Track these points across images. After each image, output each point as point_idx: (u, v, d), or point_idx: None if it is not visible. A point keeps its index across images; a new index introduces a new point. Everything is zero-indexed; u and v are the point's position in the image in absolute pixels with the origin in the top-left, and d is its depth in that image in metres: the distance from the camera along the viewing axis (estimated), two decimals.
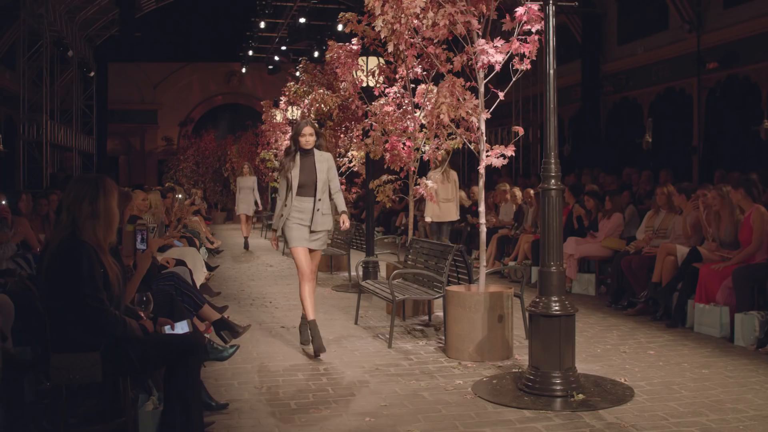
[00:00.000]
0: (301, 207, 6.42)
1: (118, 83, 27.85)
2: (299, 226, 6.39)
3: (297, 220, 6.40)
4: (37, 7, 18.28)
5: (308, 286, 6.42)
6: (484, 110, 6.28)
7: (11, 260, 6.97)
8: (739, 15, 13.12)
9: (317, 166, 6.44)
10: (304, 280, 6.41)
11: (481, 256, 6.48)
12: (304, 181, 6.41)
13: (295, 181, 6.42)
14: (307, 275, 6.41)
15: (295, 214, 6.41)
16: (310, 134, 6.42)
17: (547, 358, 4.94)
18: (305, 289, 6.43)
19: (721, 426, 4.41)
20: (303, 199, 6.42)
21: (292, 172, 6.42)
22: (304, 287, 6.43)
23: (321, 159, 6.48)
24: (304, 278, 6.41)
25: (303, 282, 6.42)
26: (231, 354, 5.45)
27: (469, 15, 6.06)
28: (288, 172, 6.44)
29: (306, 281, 6.42)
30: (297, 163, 6.44)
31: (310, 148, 6.44)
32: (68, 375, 3.68)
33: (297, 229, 6.40)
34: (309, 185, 6.41)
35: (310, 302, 6.41)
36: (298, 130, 6.46)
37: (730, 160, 12.82)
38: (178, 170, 28.55)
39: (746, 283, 6.65)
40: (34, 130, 18.68)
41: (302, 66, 13.21)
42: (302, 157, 6.44)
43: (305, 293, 6.43)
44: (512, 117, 18.79)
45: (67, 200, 3.85)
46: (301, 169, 6.42)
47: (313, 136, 6.42)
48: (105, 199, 3.84)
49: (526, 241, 10.52)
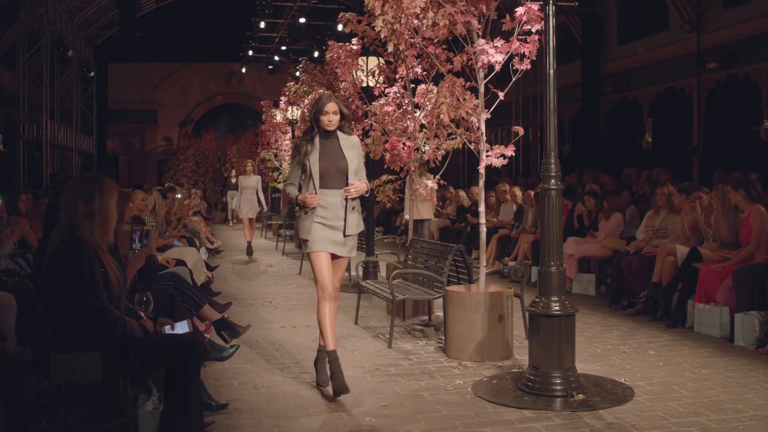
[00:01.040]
0: (327, 202, 5.15)
1: (118, 83, 27.84)
2: (323, 226, 5.15)
3: (320, 218, 5.15)
4: (37, 7, 18.27)
5: (329, 306, 5.16)
6: (484, 110, 6.29)
7: (11, 260, 6.98)
8: (739, 15, 13.11)
9: (345, 152, 5.23)
10: (325, 298, 5.15)
11: (481, 256, 6.48)
12: (325, 168, 5.17)
13: (314, 168, 5.15)
14: (329, 291, 5.15)
15: (317, 211, 5.15)
16: (334, 112, 5.21)
17: (547, 358, 4.94)
18: (325, 310, 5.15)
19: (721, 426, 4.41)
20: (329, 193, 5.17)
21: (310, 158, 5.18)
22: (323, 307, 5.16)
23: (348, 144, 5.27)
24: (324, 295, 5.15)
25: (323, 300, 5.16)
26: (231, 354, 5.45)
27: (469, 15, 6.07)
28: (305, 158, 5.20)
29: (327, 300, 5.15)
30: (316, 147, 5.20)
31: (333, 129, 5.24)
32: (68, 375, 3.68)
33: (320, 230, 5.14)
34: (334, 175, 5.18)
35: (331, 327, 5.16)
36: (320, 106, 5.23)
37: (730, 160, 12.81)
38: (178, 170, 28.58)
39: (746, 283, 6.65)
40: (34, 130, 18.67)
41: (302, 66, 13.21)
42: (323, 140, 5.24)
43: (325, 315, 5.16)
44: (512, 117, 18.78)
45: (64, 200, 3.86)
46: (322, 155, 5.18)
47: (338, 115, 5.21)
48: (101, 199, 3.84)
49: (526, 241, 10.52)
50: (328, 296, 5.15)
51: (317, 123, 5.26)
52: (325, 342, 5.18)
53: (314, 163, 5.17)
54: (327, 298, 5.15)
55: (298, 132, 15.41)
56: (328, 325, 5.15)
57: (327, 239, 5.17)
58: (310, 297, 9.40)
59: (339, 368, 5.05)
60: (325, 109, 5.21)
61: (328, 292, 5.15)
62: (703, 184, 10.03)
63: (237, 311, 8.20)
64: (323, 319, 5.17)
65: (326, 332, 5.16)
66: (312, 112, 5.31)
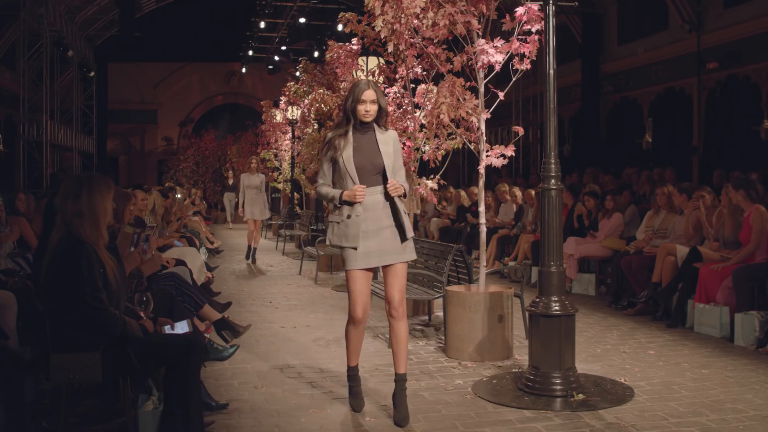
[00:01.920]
0: (367, 203, 4.54)
1: (118, 83, 27.85)
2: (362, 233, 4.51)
3: (357, 221, 4.52)
4: (37, 7, 18.27)
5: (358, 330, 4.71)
6: (484, 110, 6.29)
7: (10, 260, 6.98)
8: (739, 15, 13.12)
9: (381, 147, 4.60)
10: (355, 324, 4.66)
11: (481, 256, 6.48)
12: (360, 164, 4.54)
13: (349, 164, 4.52)
14: (359, 318, 4.61)
15: (356, 213, 4.52)
16: (372, 101, 4.57)
17: (547, 358, 4.94)
18: (352, 333, 4.73)
19: (721, 426, 4.41)
20: (369, 192, 4.54)
21: (344, 154, 4.55)
22: (350, 330, 4.73)
23: (385, 139, 4.64)
24: (354, 320, 4.63)
25: (351, 324, 4.69)
26: (231, 354, 5.44)
27: (469, 15, 6.07)
28: (338, 153, 4.57)
29: (357, 324, 4.65)
30: (350, 141, 4.60)
31: (370, 120, 4.61)
32: (68, 375, 3.69)
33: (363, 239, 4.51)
34: (371, 172, 4.56)
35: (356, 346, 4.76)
36: (357, 94, 4.58)
37: (730, 160, 12.82)
38: (178, 170, 28.60)
39: (746, 283, 6.65)
40: (34, 130, 18.67)
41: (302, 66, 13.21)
42: (357, 134, 4.63)
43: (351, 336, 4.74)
44: (512, 117, 18.79)
45: (57, 200, 3.87)
46: (356, 150, 4.57)
47: (376, 105, 4.58)
48: (89, 197, 3.83)
49: (526, 241, 10.52)
50: (358, 323, 4.63)
51: (354, 113, 4.61)
52: (349, 359, 4.77)
53: (348, 159, 4.54)
54: (357, 324, 4.64)
55: (298, 132, 15.38)
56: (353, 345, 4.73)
57: (371, 251, 4.52)
58: (310, 297, 9.40)
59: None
60: (362, 97, 4.57)
61: (359, 319, 4.61)
62: (703, 184, 10.03)
63: (237, 311, 8.20)
64: (349, 339, 4.74)
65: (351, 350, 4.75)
66: (348, 100, 4.66)
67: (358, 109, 4.58)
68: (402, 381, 4.57)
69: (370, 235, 4.51)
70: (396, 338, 4.59)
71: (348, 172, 4.53)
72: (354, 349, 4.74)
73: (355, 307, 4.58)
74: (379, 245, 4.52)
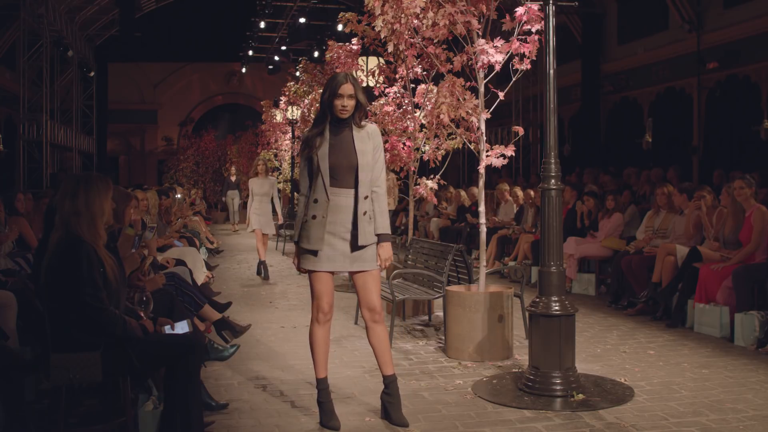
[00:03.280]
0: (337, 204, 4.35)
1: (118, 83, 27.85)
2: (329, 235, 4.34)
3: (327, 225, 4.34)
4: (37, 7, 18.27)
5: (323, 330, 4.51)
6: (484, 110, 6.29)
7: (10, 259, 6.98)
8: (739, 15, 13.11)
9: (357, 145, 4.38)
10: (320, 321, 4.49)
11: (481, 256, 6.48)
12: (335, 163, 4.34)
13: (323, 163, 4.33)
14: (326, 311, 4.46)
15: (322, 214, 4.34)
16: (349, 96, 4.34)
17: (547, 358, 4.94)
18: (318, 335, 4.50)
19: (721, 426, 4.41)
20: (338, 192, 4.36)
21: (319, 152, 4.36)
22: (316, 331, 4.50)
23: (361, 136, 4.41)
24: (319, 316, 4.48)
25: (316, 323, 4.50)
26: (231, 354, 5.45)
27: (469, 15, 6.07)
28: (313, 151, 4.38)
29: (323, 323, 4.49)
30: (326, 138, 4.38)
31: (346, 117, 4.39)
32: (68, 375, 3.69)
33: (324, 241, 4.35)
34: (346, 172, 4.36)
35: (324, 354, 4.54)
36: (334, 88, 4.35)
37: (730, 160, 12.82)
38: (178, 170, 28.60)
39: (746, 283, 6.65)
40: (34, 130, 18.67)
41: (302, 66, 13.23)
42: (334, 130, 4.42)
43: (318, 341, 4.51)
44: (512, 117, 18.78)
45: (56, 200, 3.88)
46: (332, 147, 4.36)
47: (353, 100, 4.34)
48: (86, 196, 3.84)
49: (526, 241, 10.52)
50: (325, 320, 4.47)
51: (330, 108, 4.39)
52: (317, 369, 4.51)
53: (323, 157, 4.34)
54: (324, 321, 4.48)
55: (298, 132, 15.38)
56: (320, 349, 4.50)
57: (335, 254, 4.37)
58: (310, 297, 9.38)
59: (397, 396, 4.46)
60: (340, 91, 4.33)
61: (326, 314, 4.45)
62: (703, 184, 10.03)
63: (237, 311, 8.20)
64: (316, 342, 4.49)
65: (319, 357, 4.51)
66: (324, 94, 4.42)
67: (334, 104, 4.36)
68: (395, 381, 4.48)
69: (336, 238, 4.34)
70: (380, 341, 4.46)
71: (321, 172, 4.35)
72: (322, 356, 4.48)
73: (321, 303, 4.43)
74: (345, 249, 4.36)
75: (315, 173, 4.39)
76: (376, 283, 4.49)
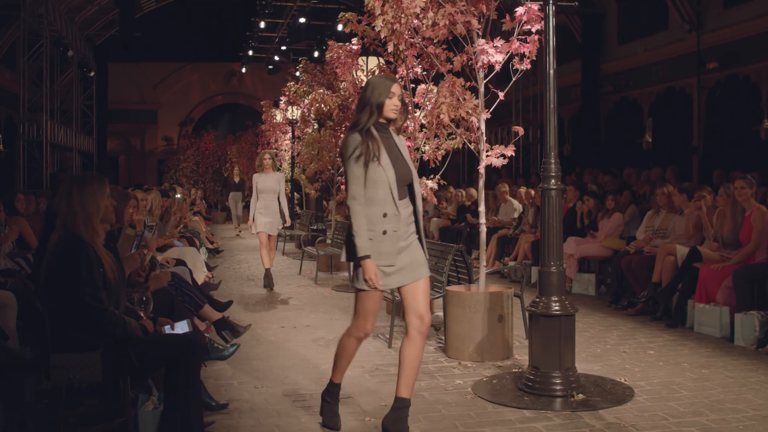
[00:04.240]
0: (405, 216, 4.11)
1: (118, 83, 27.86)
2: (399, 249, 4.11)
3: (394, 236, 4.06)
4: (37, 7, 18.28)
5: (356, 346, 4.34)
6: (484, 110, 6.29)
7: (10, 260, 6.98)
8: (739, 15, 13.12)
9: (403, 152, 4.16)
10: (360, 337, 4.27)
11: (481, 256, 6.48)
12: (397, 174, 4.07)
13: (389, 173, 4.01)
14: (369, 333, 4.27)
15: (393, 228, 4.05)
16: (399, 96, 4.10)
17: (547, 358, 4.94)
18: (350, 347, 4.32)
19: (721, 426, 4.41)
20: (401, 204, 4.10)
21: (381, 160, 4.01)
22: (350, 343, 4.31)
23: (402, 143, 4.24)
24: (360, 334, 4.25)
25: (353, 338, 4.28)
26: (231, 353, 5.45)
27: (469, 15, 6.07)
28: (373, 158, 4.00)
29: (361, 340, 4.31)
30: (381, 144, 4.05)
31: (395, 118, 4.16)
32: (68, 375, 3.69)
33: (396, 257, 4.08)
34: (402, 182, 4.10)
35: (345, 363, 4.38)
36: (387, 86, 4.08)
37: (730, 160, 12.82)
38: (178, 170, 28.60)
39: (746, 283, 6.65)
40: (34, 130, 18.68)
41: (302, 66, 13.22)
42: (382, 136, 4.10)
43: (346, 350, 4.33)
44: (512, 117, 18.79)
45: (55, 201, 3.90)
46: (391, 155, 4.08)
47: (401, 102, 4.12)
48: (80, 195, 3.85)
49: (526, 241, 10.52)
50: (363, 338, 4.26)
51: (380, 109, 4.07)
52: (335, 374, 4.39)
53: (388, 166, 4.01)
54: (362, 339, 4.27)
55: (298, 132, 15.35)
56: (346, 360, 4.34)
57: (404, 267, 4.11)
58: (310, 297, 9.40)
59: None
60: (392, 89, 4.05)
61: (367, 333, 4.24)
62: (703, 184, 10.03)
63: (237, 311, 8.20)
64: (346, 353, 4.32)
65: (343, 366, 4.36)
66: (373, 93, 4.08)
67: (386, 105, 4.05)
68: (408, 408, 4.15)
69: (403, 250, 4.11)
70: (416, 357, 4.12)
71: (389, 183, 4.00)
72: (345, 365, 4.37)
73: (367, 325, 4.18)
74: (411, 259, 4.15)
75: (377, 183, 4.01)
76: (427, 290, 4.24)
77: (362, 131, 4.06)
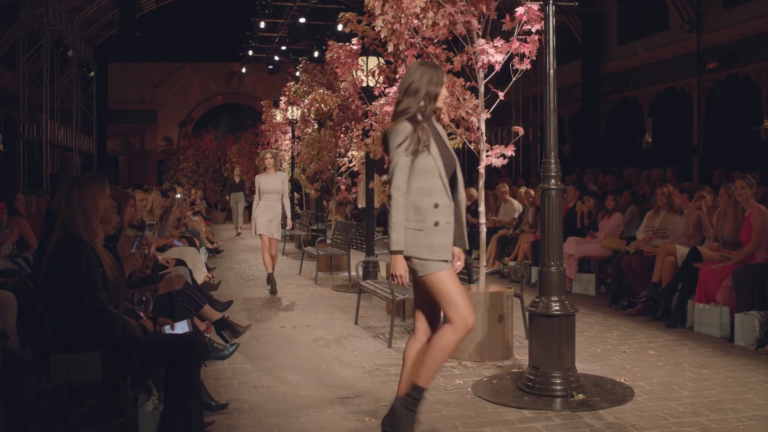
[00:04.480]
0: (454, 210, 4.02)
1: (118, 83, 27.86)
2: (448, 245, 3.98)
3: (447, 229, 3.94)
4: (37, 7, 18.28)
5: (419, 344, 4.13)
6: (484, 110, 6.29)
7: (10, 260, 6.98)
8: (739, 15, 13.12)
9: (445, 140, 4.08)
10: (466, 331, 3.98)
11: (481, 256, 6.48)
12: (447, 164, 3.97)
13: (438, 162, 3.91)
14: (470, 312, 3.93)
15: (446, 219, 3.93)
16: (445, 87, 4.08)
17: (547, 358, 4.94)
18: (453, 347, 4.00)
19: (721, 426, 4.41)
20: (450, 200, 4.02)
21: (432, 150, 3.91)
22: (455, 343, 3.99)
23: (444, 133, 4.16)
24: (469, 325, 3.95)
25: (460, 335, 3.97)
26: (231, 352, 5.44)
27: (469, 15, 6.06)
28: (424, 147, 3.89)
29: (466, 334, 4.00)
30: (430, 134, 3.95)
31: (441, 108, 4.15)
32: (68, 375, 3.69)
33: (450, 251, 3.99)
34: (449, 172, 4.01)
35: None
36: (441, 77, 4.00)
37: (730, 160, 12.82)
38: (178, 170, 28.59)
39: (746, 283, 6.65)
40: (34, 130, 18.68)
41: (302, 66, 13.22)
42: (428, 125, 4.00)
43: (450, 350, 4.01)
44: (512, 117, 18.79)
45: (54, 202, 3.90)
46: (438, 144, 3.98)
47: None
48: (80, 195, 3.85)
49: (526, 241, 10.52)
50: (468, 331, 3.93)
51: (435, 99, 3.98)
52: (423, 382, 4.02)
53: (437, 156, 3.89)
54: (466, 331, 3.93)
55: (298, 132, 15.36)
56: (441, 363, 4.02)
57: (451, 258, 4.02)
58: (310, 297, 9.39)
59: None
60: (444, 79, 4.00)
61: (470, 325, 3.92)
62: (703, 184, 10.03)
63: (237, 311, 8.20)
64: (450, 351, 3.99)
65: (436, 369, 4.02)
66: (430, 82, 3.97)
67: (438, 95, 3.97)
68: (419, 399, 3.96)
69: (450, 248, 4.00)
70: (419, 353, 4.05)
71: (439, 172, 3.89)
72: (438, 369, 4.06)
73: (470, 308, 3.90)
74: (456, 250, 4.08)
75: (427, 172, 3.88)
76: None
77: (413, 120, 3.93)
